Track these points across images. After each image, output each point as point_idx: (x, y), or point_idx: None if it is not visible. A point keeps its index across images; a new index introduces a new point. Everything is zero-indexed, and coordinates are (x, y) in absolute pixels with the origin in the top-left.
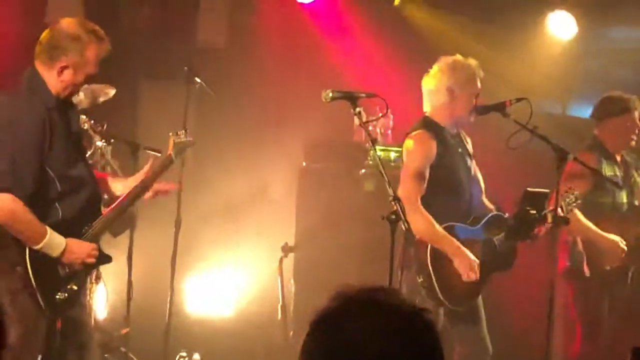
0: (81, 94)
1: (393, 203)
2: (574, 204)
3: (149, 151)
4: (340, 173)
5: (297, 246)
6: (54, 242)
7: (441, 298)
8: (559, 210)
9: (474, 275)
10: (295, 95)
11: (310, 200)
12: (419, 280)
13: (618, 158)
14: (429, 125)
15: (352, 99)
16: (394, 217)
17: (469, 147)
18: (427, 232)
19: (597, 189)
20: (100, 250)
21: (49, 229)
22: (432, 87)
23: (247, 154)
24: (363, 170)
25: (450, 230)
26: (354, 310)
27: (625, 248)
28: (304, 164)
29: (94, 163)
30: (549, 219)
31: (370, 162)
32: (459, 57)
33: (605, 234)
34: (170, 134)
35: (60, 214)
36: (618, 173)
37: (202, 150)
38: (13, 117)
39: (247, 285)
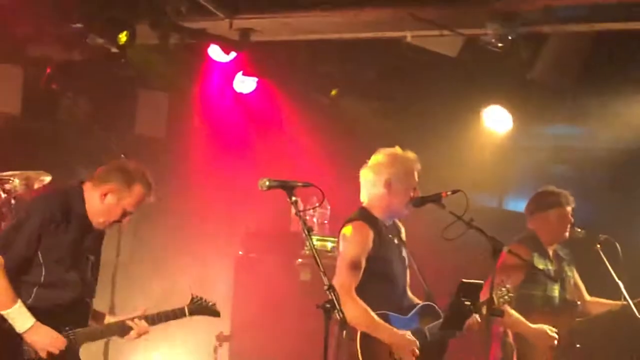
0: (16, 180)
1: (328, 292)
2: (507, 297)
3: None
4: (276, 262)
5: (233, 335)
6: (22, 315)
7: None
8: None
9: (416, 353)
10: (234, 186)
11: (247, 289)
12: None
13: (550, 252)
14: (366, 217)
15: (288, 188)
16: (328, 306)
17: (403, 235)
18: (362, 319)
19: (529, 281)
20: (77, 357)
21: (21, 303)
22: (370, 179)
23: (185, 244)
24: (299, 260)
25: (384, 318)
26: None
27: (556, 335)
28: (240, 253)
29: None
30: (484, 310)
31: (307, 252)
32: (398, 150)
33: (533, 326)
34: (192, 295)
35: (32, 298)
36: (550, 267)
37: (139, 240)
38: (36, 197)
39: None
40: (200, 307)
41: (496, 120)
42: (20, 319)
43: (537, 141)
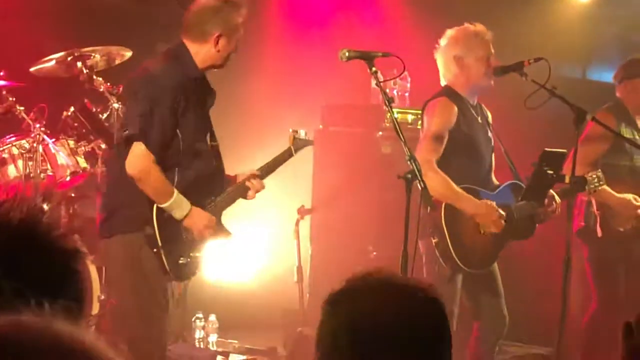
0: (97, 56)
1: (409, 163)
2: (597, 184)
3: None
4: (357, 135)
5: (314, 208)
6: (180, 203)
7: (456, 259)
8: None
9: (498, 229)
10: (312, 58)
11: (327, 163)
12: (434, 241)
13: (638, 122)
14: (450, 93)
15: (368, 58)
16: (409, 176)
17: (489, 119)
18: (445, 190)
19: (614, 151)
20: (221, 224)
21: (177, 192)
22: (442, 61)
23: (264, 117)
24: (380, 133)
25: (474, 193)
26: (367, 289)
27: (639, 204)
28: (320, 126)
29: (110, 125)
30: (567, 179)
31: (387, 125)
32: (463, 25)
33: (617, 195)
34: (291, 130)
35: (176, 180)
36: (637, 136)
37: (221, 111)
38: (155, 74)
39: (263, 247)
40: (301, 141)
41: None
42: (179, 207)
43: (623, 9)
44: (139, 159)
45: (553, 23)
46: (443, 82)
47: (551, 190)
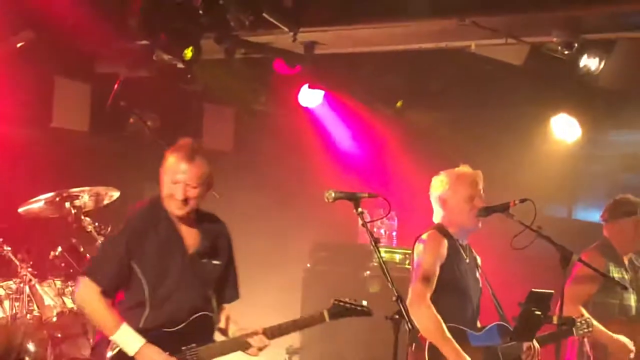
0: (85, 196)
1: (397, 303)
2: (586, 330)
3: None
4: (344, 274)
5: (303, 347)
6: (128, 338)
7: None
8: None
9: None
10: (301, 198)
11: (315, 301)
12: None
13: (626, 261)
14: (440, 229)
15: (354, 199)
16: (397, 317)
17: (479, 261)
18: (434, 330)
19: (605, 290)
20: None
21: (125, 326)
22: (432, 201)
23: (252, 258)
24: (367, 272)
25: (461, 334)
26: None
27: (633, 348)
28: (308, 265)
29: None
30: (555, 320)
31: (375, 264)
32: (453, 169)
33: (613, 335)
34: (333, 300)
35: (142, 322)
36: (625, 276)
37: None
38: (127, 217)
39: None
40: (346, 309)
41: (564, 129)
42: (128, 341)
43: (607, 149)
44: (80, 291)
45: (540, 163)
46: (436, 221)
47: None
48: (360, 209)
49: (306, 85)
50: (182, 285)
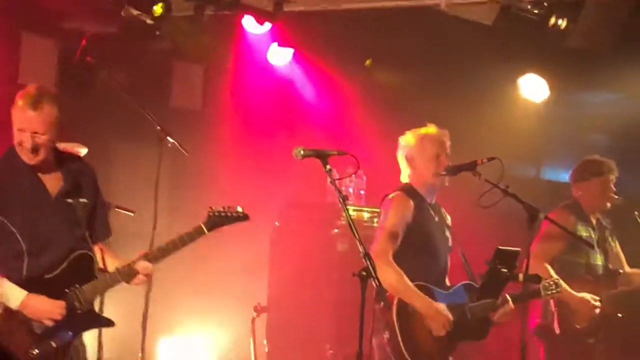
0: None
1: (364, 260)
2: (554, 291)
3: (120, 210)
4: (313, 233)
5: (270, 306)
6: (9, 293)
7: (406, 356)
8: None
9: (444, 332)
10: (269, 156)
11: (283, 260)
12: (386, 337)
13: (594, 220)
14: (407, 189)
15: (322, 156)
16: (364, 273)
17: (449, 221)
18: (398, 284)
19: (572, 249)
20: (95, 313)
21: (4, 281)
22: (399, 160)
23: None
24: (336, 230)
25: (427, 292)
26: None
27: (598, 304)
28: (277, 224)
29: None
30: (520, 277)
31: (343, 222)
32: (420, 128)
33: (576, 293)
34: (207, 211)
35: (25, 270)
36: (593, 235)
37: (175, 210)
38: None
39: (219, 345)
40: (222, 218)
41: (533, 89)
42: (10, 296)
43: (575, 110)
44: None
45: (508, 123)
46: (404, 180)
47: (507, 295)
48: (328, 167)
49: (275, 44)
50: (55, 229)
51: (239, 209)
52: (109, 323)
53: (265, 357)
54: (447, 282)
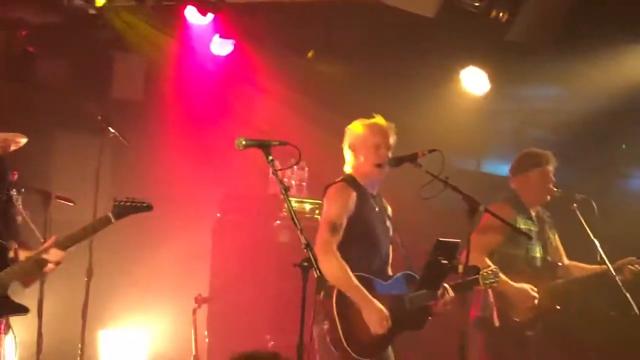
0: None
1: (306, 250)
2: (493, 281)
3: (61, 200)
4: (255, 224)
5: (211, 297)
6: None
7: (345, 346)
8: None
9: (381, 330)
10: (211, 147)
11: (225, 251)
12: (325, 327)
13: (533, 213)
14: (349, 180)
15: (264, 146)
16: (306, 264)
17: (389, 211)
18: (340, 277)
19: (511, 241)
20: (10, 300)
21: None
22: (344, 150)
23: (161, 206)
24: (278, 222)
25: (368, 282)
26: None
27: (536, 295)
28: (218, 215)
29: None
30: (460, 269)
31: (285, 214)
32: (364, 119)
33: (514, 284)
34: (113, 202)
35: None
36: (532, 228)
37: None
38: None
39: (160, 336)
40: (127, 208)
41: (473, 82)
42: None
43: (515, 103)
44: None
45: (449, 115)
46: (347, 171)
47: (446, 284)
48: (271, 157)
49: (217, 35)
50: None
51: (145, 203)
52: (23, 309)
53: (206, 347)
54: (390, 272)
